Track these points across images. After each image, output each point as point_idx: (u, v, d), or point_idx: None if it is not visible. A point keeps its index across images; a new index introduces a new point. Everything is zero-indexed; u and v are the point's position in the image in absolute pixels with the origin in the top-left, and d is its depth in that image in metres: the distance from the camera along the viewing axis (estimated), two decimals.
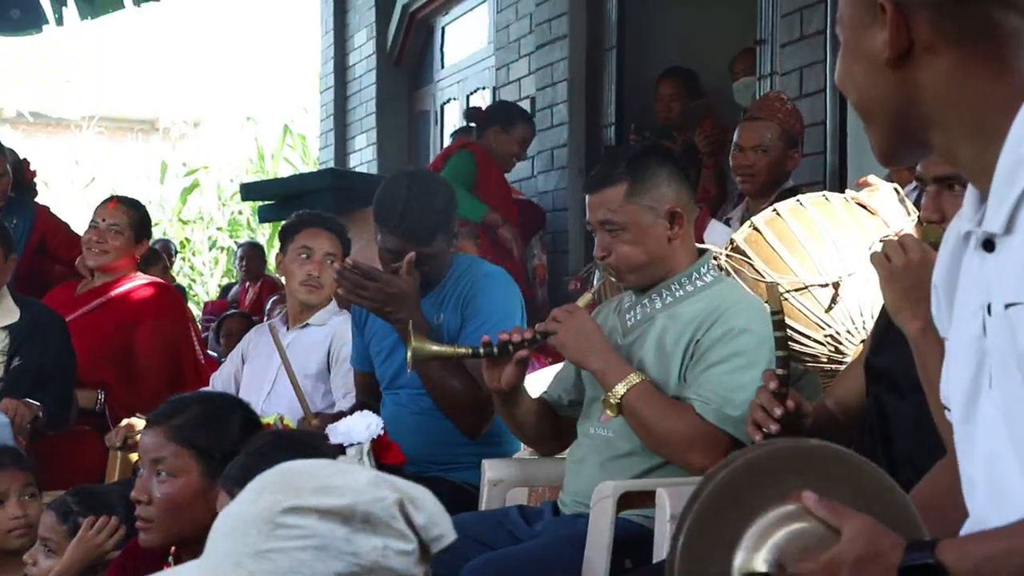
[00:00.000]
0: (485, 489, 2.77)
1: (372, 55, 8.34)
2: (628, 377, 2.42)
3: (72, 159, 14.16)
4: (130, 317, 4.09)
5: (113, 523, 2.45)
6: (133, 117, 16.73)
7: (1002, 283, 1.24)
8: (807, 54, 4.38)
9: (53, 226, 4.74)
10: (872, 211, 2.89)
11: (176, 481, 2.07)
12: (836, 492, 1.29)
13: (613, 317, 2.65)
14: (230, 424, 2.12)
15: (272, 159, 12.98)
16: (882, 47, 1.27)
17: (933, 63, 1.26)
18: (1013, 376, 1.24)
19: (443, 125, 7.87)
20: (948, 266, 1.40)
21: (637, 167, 2.52)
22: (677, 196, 2.53)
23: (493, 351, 2.52)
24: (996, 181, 1.24)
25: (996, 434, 1.28)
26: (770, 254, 2.81)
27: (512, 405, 2.65)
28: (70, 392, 3.75)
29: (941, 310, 1.43)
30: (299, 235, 3.57)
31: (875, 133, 1.34)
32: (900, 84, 1.28)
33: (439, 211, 2.98)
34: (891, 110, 1.30)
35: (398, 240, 2.97)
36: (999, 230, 1.24)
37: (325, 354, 3.53)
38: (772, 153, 3.74)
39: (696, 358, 2.45)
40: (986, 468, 1.30)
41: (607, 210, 2.51)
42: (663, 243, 2.52)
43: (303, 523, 1.18)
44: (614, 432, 2.52)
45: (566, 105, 6.11)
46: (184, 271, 11.75)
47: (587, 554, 2.37)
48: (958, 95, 1.26)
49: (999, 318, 1.25)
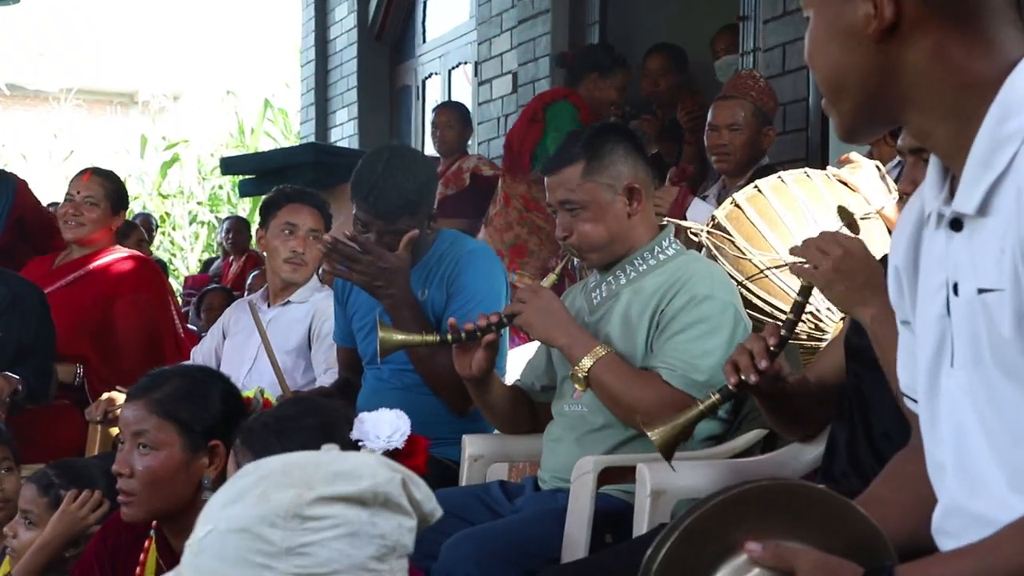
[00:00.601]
0: (465, 465, 2.78)
1: (353, 29, 8.30)
2: (594, 350, 2.44)
3: (51, 132, 14.06)
4: (109, 290, 4.07)
5: (96, 497, 2.45)
6: (112, 90, 16.62)
7: (974, 266, 1.23)
8: (790, 30, 4.38)
9: (32, 205, 4.69)
10: (853, 188, 2.90)
11: (158, 454, 2.06)
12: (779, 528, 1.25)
13: (580, 297, 2.68)
14: (211, 397, 2.12)
15: (252, 133, 12.93)
16: (864, 20, 1.25)
17: (918, 39, 1.24)
18: (984, 359, 1.24)
19: (424, 100, 7.84)
20: (907, 247, 1.38)
21: (593, 145, 2.55)
22: (634, 172, 2.56)
23: (461, 337, 2.53)
24: (971, 161, 1.23)
25: (960, 413, 1.28)
26: (751, 231, 2.82)
27: (484, 391, 2.67)
28: (50, 366, 3.73)
29: (903, 292, 1.41)
30: (281, 211, 3.55)
31: (842, 109, 1.32)
32: (880, 59, 1.26)
33: (411, 191, 2.95)
34: (866, 86, 1.28)
35: (365, 213, 2.97)
36: (971, 211, 1.23)
37: (306, 331, 3.52)
38: (746, 131, 3.76)
39: (661, 327, 2.48)
40: (953, 449, 1.30)
41: (566, 189, 2.54)
42: (623, 219, 2.55)
43: (332, 512, 1.17)
44: (587, 407, 2.55)
45: (548, 81, 6.09)
46: (164, 246, 11.70)
47: (567, 529, 2.37)
48: (940, 73, 1.25)
49: (968, 300, 1.24)
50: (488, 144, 6.61)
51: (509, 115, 6.45)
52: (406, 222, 2.95)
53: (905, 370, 1.47)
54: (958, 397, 1.28)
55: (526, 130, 5.04)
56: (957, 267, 1.26)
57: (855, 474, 2.06)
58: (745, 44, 4.72)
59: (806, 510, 1.27)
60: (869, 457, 2.05)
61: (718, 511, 1.25)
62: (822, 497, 1.29)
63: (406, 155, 3.08)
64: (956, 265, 1.26)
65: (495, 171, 5.96)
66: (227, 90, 14.23)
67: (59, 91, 15.26)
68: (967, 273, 1.24)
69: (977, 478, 1.27)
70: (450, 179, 5.89)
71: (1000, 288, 1.20)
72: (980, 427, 1.26)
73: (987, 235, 1.22)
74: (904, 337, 1.45)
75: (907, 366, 1.45)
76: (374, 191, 2.94)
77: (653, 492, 2.28)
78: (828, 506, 1.28)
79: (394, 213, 2.95)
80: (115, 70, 16.33)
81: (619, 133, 2.66)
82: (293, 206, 3.54)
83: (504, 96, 6.52)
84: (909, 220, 1.39)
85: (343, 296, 3.27)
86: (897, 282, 1.42)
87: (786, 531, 1.26)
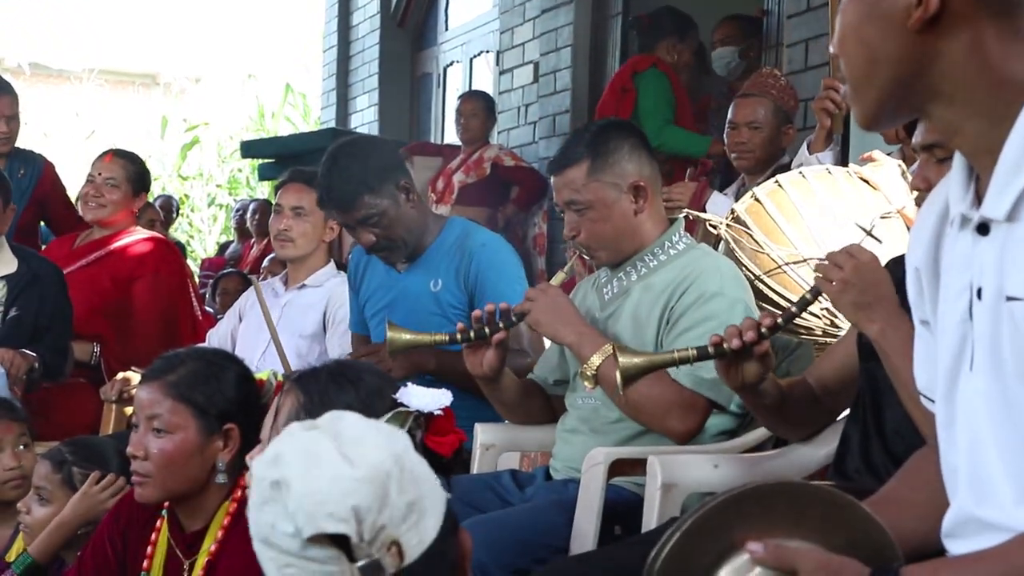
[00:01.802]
0: (477, 453, 2.78)
1: (376, 15, 8.29)
2: (603, 348, 2.42)
3: (72, 111, 14.10)
4: (128, 271, 4.09)
5: (119, 483, 2.45)
6: (134, 71, 16.64)
7: (1000, 271, 1.22)
8: (813, 26, 4.36)
9: (56, 189, 4.70)
10: (875, 186, 2.88)
11: (173, 437, 2.05)
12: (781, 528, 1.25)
13: (592, 293, 2.68)
14: (225, 380, 2.11)
15: (272, 117, 12.93)
16: (904, 9, 1.23)
17: (957, 32, 1.22)
18: (1004, 366, 1.22)
19: (446, 88, 7.84)
20: (927, 247, 1.37)
21: (597, 144, 2.54)
22: (639, 169, 2.55)
23: (470, 336, 2.53)
24: (1001, 165, 1.21)
25: (977, 418, 1.27)
26: (770, 225, 2.81)
27: (496, 389, 2.66)
28: (66, 344, 3.75)
29: (923, 293, 1.39)
30: (278, 194, 3.64)
31: (867, 96, 1.29)
32: (917, 50, 1.24)
33: (360, 173, 3.00)
34: (898, 75, 1.26)
35: (338, 214, 3.07)
36: (1001, 217, 1.21)
37: (321, 315, 3.53)
38: (766, 130, 3.77)
39: (671, 324, 2.48)
40: (968, 455, 1.29)
41: (571, 190, 2.54)
42: (629, 217, 2.54)
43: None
44: (601, 400, 2.54)
45: (569, 71, 6.08)
46: (183, 227, 11.73)
47: (577, 520, 2.38)
48: (975, 68, 1.23)
49: (991, 305, 1.23)
50: (508, 133, 6.60)
51: (530, 104, 6.44)
52: (369, 202, 2.99)
53: (922, 370, 1.45)
54: (975, 402, 1.27)
55: (618, 101, 4.97)
56: (983, 272, 1.24)
57: (868, 472, 2.05)
58: (768, 39, 4.70)
59: (809, 509, 1.27)
60: (882, 455, 2.05)
61: (720, 510, 1.25)
62: (825, 496, 1.28)
63: (348, 146, 3.13)
64: (981, 270, 1.24)
65: (516, 161, 5.97)
66: (248, 74, 14.25)
67: (82, 71, 15.30)
68: (992, 278, 1.23)
69: (987, 485, 1.26)
70: (471, 167, 5.89)
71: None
72: (992, 434, 1.25)
73: (1017, 242, 1.20)
74: (922, 337, 1.44)
75: (924, 366, 1.44)
76: (327, 190, 3.03)
77: (664, 485, 2.28)
78: (832, 505, 1.27)
79: (350, 200, 3.00)
80: (137, 51, 16.36)
81: (623, 130, 2.64)
82: (285, 187, 3.60)
83: (525, 86, 6.51)
84: (929, 219, 1.38)
85: (356, 282, 3.28)
86: (917, 282, 1.41)
87: (788, 530, 1.25)
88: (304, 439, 1.23)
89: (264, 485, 1.20)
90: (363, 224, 3.03)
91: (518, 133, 6.54)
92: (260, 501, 1.21)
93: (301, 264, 3.59)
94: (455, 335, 2.54)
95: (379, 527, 1.19)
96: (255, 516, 1.22)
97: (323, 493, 1.18)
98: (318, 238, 3.55)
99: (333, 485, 1.18)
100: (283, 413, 1.73)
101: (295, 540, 1.18)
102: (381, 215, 3.03)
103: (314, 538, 1.17)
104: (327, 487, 1.18)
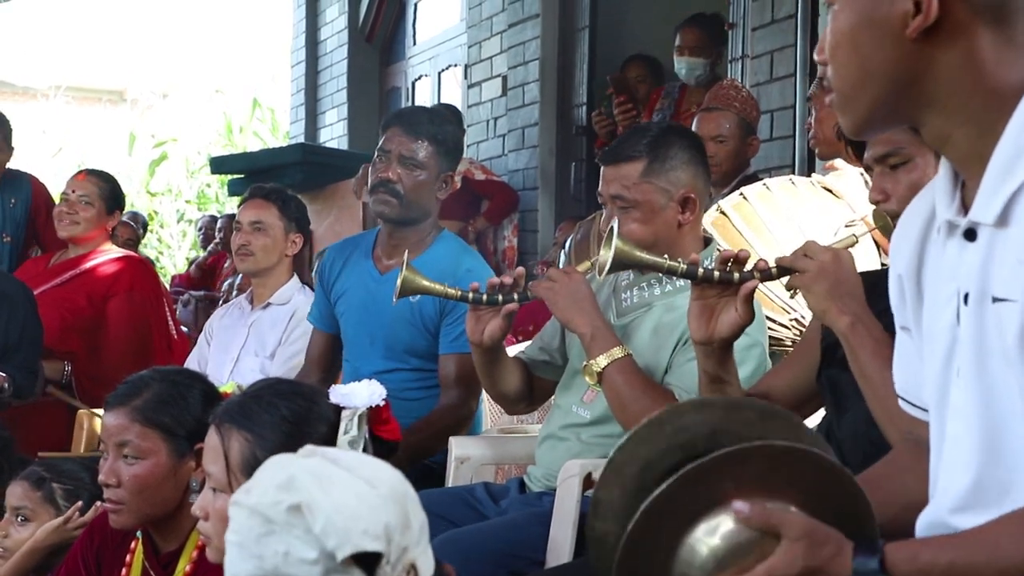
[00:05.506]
0: (452, 466, 2.79)
1: (344, 30, 8.30)
2: (612, 350, 2.36)
3: (39, 128, 14.00)
4: (104, 289, 4.10)
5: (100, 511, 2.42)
6: (101, 87, 16.55)
7: (988, 275, 1.22)
8: (778, 38, 4.40)
9: (46, 207, 4.70)
10: (838, 195, 2.92)
11: (144, 463, 2.03)
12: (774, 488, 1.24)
13: (608, 292, 2.61)
14: (191, 399, 2.07)
15: (241, 132, 12.90)
16: (901, 17, 1.22)
17: (955, 41, 1.22)
18: (990, 367, 1.23)
19: (414, 102, 7.84)
20: (911, 254, 1.37)
21: (658, 146, 2.47)
22: (693, 181, 2.49)
23: (481, 299, 2.48)
24: (991, 170, 1.22)
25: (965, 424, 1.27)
26: (737, 238, 2.83)
27: (492, 361, 2.62)
28: (36, 363, 3.73)
29: (906, 300, 1.39)
30: (239, 212, 3.66)
31: (859, 104, 1.28)
32: (913, 58, 1.23)
33: (442, 129, 3.08)
34: (891, 83, 1.25)
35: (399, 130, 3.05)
36: (990, 221, 1.21)
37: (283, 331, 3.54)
38: (731, 142, 3.79)
39: (685, 346, 2.40)
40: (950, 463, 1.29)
41: (621, 185, 2.47)
42: (672, 227, 2.47)
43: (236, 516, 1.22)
44: (592, 415, 2.53)
45: (537, 84, 6.11)
46: (152, 243, 11.67)
47: (553, 532, 2.38)
48: (969, 77, 1.22)
49: (978, 308, 1.23)
50: (477, 146, 6.62)
51: (499, 117, 6.47)
52: (427, 149, 3.04)
53: (901, 374, 1.46)
54: (963, 412, 1.27)
55: None
56: (969, 277, 1.24)
57: None
58: (733, 51, 4.74)
59: (806, 474, 1.25)
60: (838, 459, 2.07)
61: (719, 463, 1.23)
62: (824, 464, 1.27)
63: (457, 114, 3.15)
64: (968, 275, 1.24)
65: (487, 175, 5.99)
66: (216, 88, 14.21)
67: (48, 87, 15.20)
68: (978, 282, 1.23)
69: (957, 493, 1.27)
70: None
71: (1013, 299, 1.19)
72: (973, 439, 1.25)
73: (1005, 245, 1.21)
74: (903, 343, 1.44)
75: (904, 370, 1.45)
76: (416, 112, 3.22)
77: None
78: (828, 473, 1.26)
79: (420, 133, 3.05)
80: (104, 67, 16.26)
81: (685, 138, 2.56)
82: (244, 204, 3.63)
83: (494, 99, 6.53)
84: (913, 227, 1.37)
85: (330, 278, 3.25)
86: (899, 289, 1.41)
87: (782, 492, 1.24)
88: (307, 465, 1.19)
89: (277, 511, 1.15)
90: (401, 159, 3.03)
91: (487, 146, 6.56)
92: (264, 532, 1.16)
93: (265, 280, 3.58)
94: (467, 294, 2.50)
95: (403, 548, 1.15)
96: (255, 550, 1.16)
97: (353, 509, 1.12)
98: (279, 252, 3.55)
99: (361, 503, 1.13)
100: (234, 454, 1.70)
101: (316, 567, 1.12)
102: (419, 168, 3.03)
103: (343, 562, 1.11)
104: (355, 504, 1.13)
